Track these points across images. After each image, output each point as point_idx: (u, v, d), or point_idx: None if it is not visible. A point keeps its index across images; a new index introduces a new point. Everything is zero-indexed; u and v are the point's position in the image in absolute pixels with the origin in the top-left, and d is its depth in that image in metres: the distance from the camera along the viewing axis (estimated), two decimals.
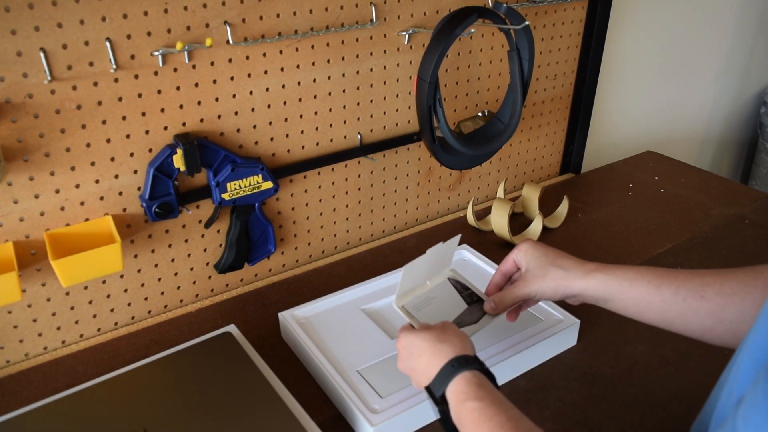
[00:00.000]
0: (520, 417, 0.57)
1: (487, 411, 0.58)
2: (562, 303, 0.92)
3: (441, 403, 0.63)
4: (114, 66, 0.81)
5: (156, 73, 0.85)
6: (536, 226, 1.16)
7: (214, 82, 0.90)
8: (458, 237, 0.85)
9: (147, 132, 0.88)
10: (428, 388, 0.64)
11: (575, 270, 0.72)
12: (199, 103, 0.90)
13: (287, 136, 1.01)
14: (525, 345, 0.84)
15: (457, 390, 0.61)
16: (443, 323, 0.70)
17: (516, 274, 0.81)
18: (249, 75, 0.93)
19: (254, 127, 0.97)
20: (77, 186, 0.85)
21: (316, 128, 1.04)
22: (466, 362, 0.63)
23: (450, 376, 0.62)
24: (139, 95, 0.85)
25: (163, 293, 0.98)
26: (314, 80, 1.00)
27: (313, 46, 0.98)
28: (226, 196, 0.94)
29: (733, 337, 0.62)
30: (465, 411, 0.59)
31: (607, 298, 0.70)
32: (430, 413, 0.77)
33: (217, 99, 0.92)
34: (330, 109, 1.04)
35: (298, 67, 0.97)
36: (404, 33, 1.06)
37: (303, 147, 1.03)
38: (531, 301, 0.80)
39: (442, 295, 0.83)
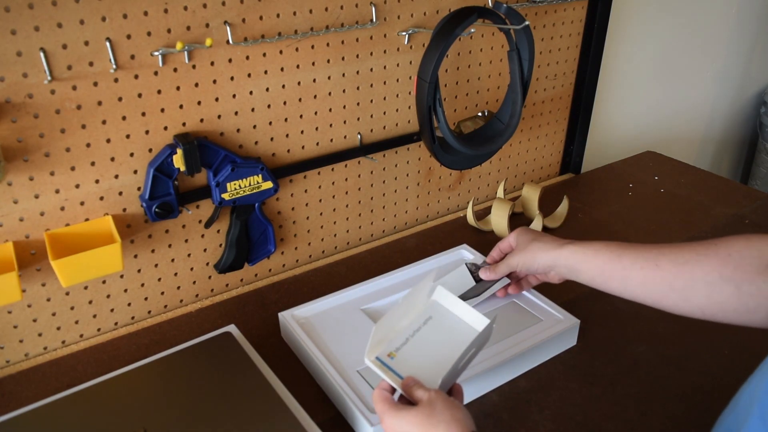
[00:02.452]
0: None
1: None
2: (562, 303, 0.92)
3: None
4: (114, 66, 0.81)
5: (156, 73, 0.85)
6: (536, 226, 1.16)
7: (214, 82, 0.90)
8: (433, 272, 0.77)
9: (147, 132, 0.88)
10: None
11: (551, 244, 0.82)
12: (199, 103, 0.90)
13: (287, 136, 1.01)
14: (525, 345, 0.84)
15: None
16: (429, 396, 0.62)
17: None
18: (249, 75, 0.93)
19: (254, 127, 0.97)
20: (77, 186, 0.85)
21: (316, 128, 1.04)
22: None
23: None
24: (139, 95, 0.85)
25: (163, 293, 0.98)
26: (314, 80, 1.00)
27: (313, 46, 0.98)
28: (226, 196, 0.94)
29: (686, 302, 0.68)
30: None
31: (576, 267, 0.78)
32: None
33: (217, 99, 0.92)
34: (330, 109, 1.04)
35: (298, 67, 0.97)
36: (404, 33, 1.06)
37: (303, 147, 1.03)
38: (525, 275, 0.91)
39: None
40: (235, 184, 0.94)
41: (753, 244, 0.64)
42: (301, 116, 1.01)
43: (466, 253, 1.06)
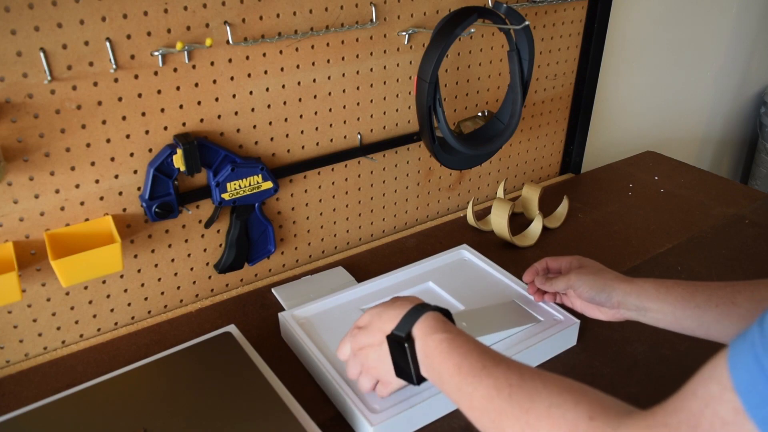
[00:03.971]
0: (486, 346, 0.60)
1: (456, 341, 0.60)
2: (567, 310, 0.92)
3: (407, 340, 0.63)
4: (114, 66, 0.81)
5: (156, 73, 0.85)
6: (536, 226, 1.16)
7: (214, 82, 0.90)
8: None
9: (147, 132, 0.88)
10: (391, 335, 0.65)
11: (620, 277, 0.78)
12: (199, 103, 0.90)
13: (287, 136, 1.01)
14: (525, 345, 0.84)
15: (423, 326, 0.63)
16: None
17: (552, 275, 0.89)
18: (249, 75, 0.93)
19: (254, 127, 0.97)
20: (77, 186, 0.85)
21: (316, 128, 1.04)
22: (428, 307, 0.66)
23: (415, 317, 0.64)
24: (139, 95, 0.85)
25: (163, 293, 0.98)
26: (314, 80, 1.00)
27: (313, 46, 0.98)
28: (226, 196, 0.94)
29: None
30: (433, 343, 0.61)
31: (646, 305, 0.74)
32: (430, 413, 0.77)
33: (217, 99, 0.92)
34: (330, 109, 1.04)
35: (298, 67, 0.97)
36: (404, 33, 1.06)
37: (303, 147, 1.03)
38: (564, 293, 0.87)
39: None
40: (235, 184, 0.94)
41: None
42: (301, 116, 1.01)
43: (466, 253, 1.06)
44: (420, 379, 0.64)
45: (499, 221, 1.14)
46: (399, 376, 0.66)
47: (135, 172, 0.89)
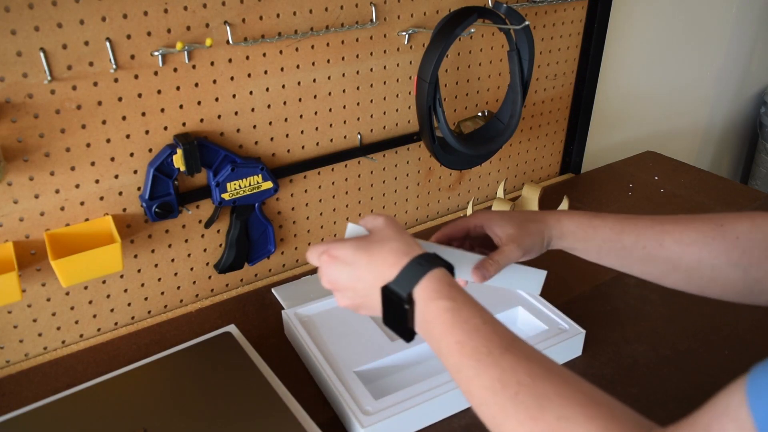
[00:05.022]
0: (494, 320, 0.53)
1: (461, 312, 0.53)
2: (561, 304, 0.92)
3: (407, 302, 0.55)
4: (114, 66, 0.81)
5: (156, 73, 0.85)
6: None
7: (214, 82, 0.90)
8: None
9: (147, 132, 0.88)
10: (387, 288, 0.57)
11: (547, 220, 0.71)
12: (199, 103, 0.90)
13: (287, 136, 1.01)
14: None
15: (426, 287, 0.55)
16: (379, 219, 0.62)
17: (464, 242, 0.75)
18: (249, 75, 0.93)
19: (254, 127, 0.97)
20: (77, 186, 0.85)
21: (316, 128, 1.04)
22: (432, 260, 0.57)
23: (418, 274, 0.56)
24: (139, 95, 0.85)
25: (163, 293, 0.98)
26: (314, 80, 1.00)
27: (313, 46, 0.98)
28: (226, 196, 0.94)
29: (687, 283, 0.65)
30: (436, 311, 0.54)
31: (573, 246, 0.70)
32: (424, 416, 0.77)
33: (217, 99, 0.92)
34: (330, 109, 1.04)
35: (298, 67, 0.97)
36: (404, 33, 1.06)
37: (303, 147, 1.03)
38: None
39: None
40: (235, 184, 0.94)
41: (759, 227, 0.62)
42: (301, 116, 1.01)
43: None
44: (411, 338, 0.57)
45: None
46: (386, 325, 0.59)
47: (135, 172, 0.89)
